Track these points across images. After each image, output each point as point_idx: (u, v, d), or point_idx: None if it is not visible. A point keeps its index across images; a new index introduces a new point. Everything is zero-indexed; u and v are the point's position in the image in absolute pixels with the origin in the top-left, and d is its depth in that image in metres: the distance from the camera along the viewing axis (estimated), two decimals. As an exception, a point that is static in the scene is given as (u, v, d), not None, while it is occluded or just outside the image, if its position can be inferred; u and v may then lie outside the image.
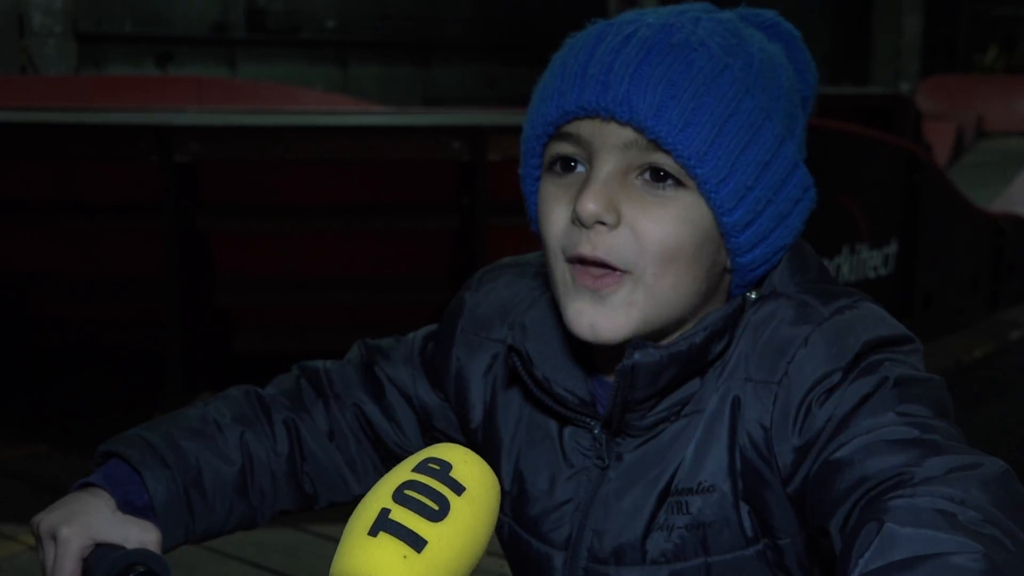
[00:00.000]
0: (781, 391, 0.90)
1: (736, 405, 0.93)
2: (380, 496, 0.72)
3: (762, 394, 0.91)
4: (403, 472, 0.73)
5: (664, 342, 0.93)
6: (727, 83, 0.89)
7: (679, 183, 0.89)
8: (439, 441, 1.14)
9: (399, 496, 0.71)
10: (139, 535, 0.97)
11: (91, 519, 0.96)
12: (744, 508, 0.93)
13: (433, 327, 1.16)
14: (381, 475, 1.16)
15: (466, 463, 0.74)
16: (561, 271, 0.92)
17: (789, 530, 0.93)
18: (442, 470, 0.73)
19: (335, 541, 0.73)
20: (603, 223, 0.88)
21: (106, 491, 0.99)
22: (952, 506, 0.72)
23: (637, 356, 0.91)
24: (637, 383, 0.92)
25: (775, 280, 0.96)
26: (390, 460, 1.17)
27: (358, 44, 13.20)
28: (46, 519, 0.97)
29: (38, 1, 9.60)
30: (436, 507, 0.71)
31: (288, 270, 4.08)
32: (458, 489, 0.72)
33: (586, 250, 0.89)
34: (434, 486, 0.72)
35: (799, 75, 0.99)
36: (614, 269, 0.90)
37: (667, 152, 0.87)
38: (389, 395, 1.15)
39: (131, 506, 0.99)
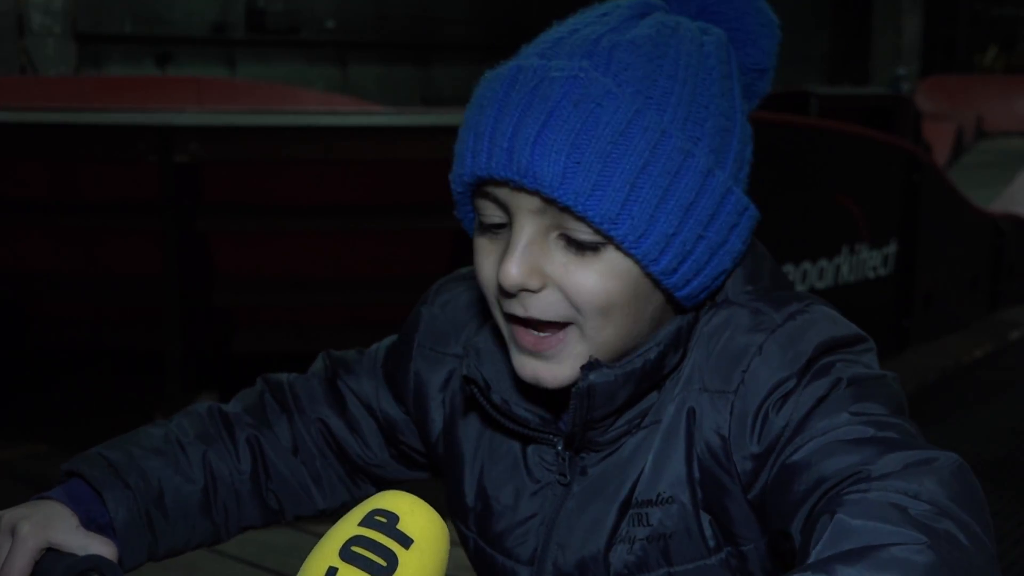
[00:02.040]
0: (738, 400, 0.90)
1: (692, 416, 0.93)
2: (326, 554, 0.71)
3: (718, 404, 0.91)
4: (349, 526, 0.72)
5: (618, 362, 0.92)
6: (638, 133, 0.85)
7: (600, 241, 0.87)
8: (405, 454, 1.15)
9: (346, 553, 0.70)
10: (99, 548, 0.97)
11: (54, 524, 0.96)
12: (705, 518, 0.93)
13: (395, 338, 1.15)
14: (347, 488, 1.17)
15: (413, 513, 0.73)
16: (502, 322, 0.93)
17: (751, 536, 0.93)
18: (389, 523, 0.72)
19: (335, 541, 0.73)
20: (529, 289, 0.88)
21: (68, 508, 0.98)
22: (905, 500, 0.72)
23: (592, 377, 0.90)
24: (594, 403, 0.92)
25: (728, 288, 0.95)
26: (356, 473, 1.17)
27: (358, 44, 13.20)
28: (8, 514, 0.96)
29: (38, 1, 9.60)
30: (384, 563, 0.70)
31: (288, 270, 4.08)
32: (406, 542, 0.72)
33: (518, 311, 0.89)
34: (381, 540, 0.71)
35: (751, 47, 0.96)
36: (554, 323, 0.89)
37: (579, 217, 0.85)
38: (352, 409, 1.15)
39: (95, 524, 0.99)
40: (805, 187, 4.56)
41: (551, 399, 0.97)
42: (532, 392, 0.97)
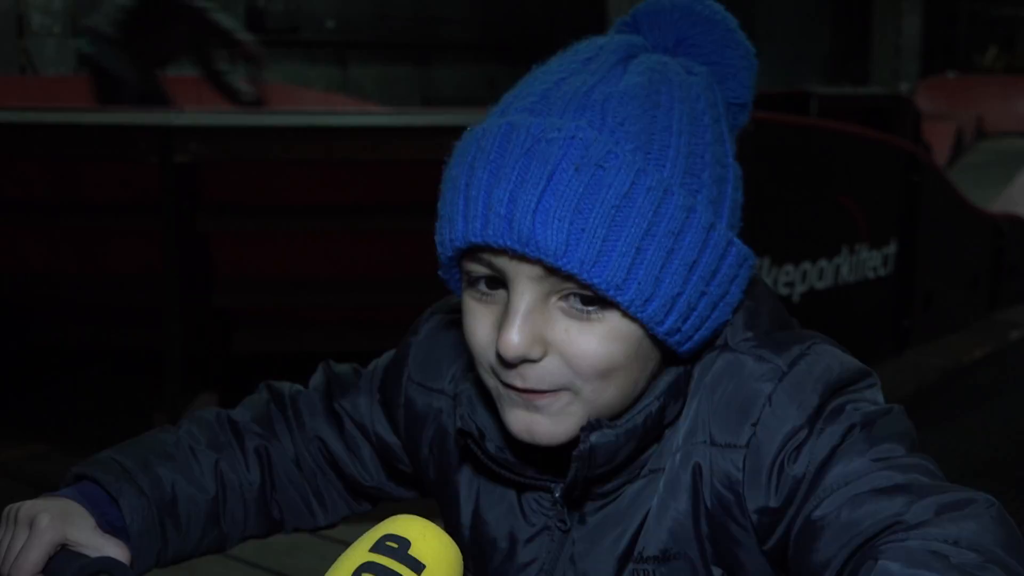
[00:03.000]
0: (750, 454, 0.87)
1: (698, 471, 0.90)
2: None
3: (730, 457, 0.88)
4: (360, 552, 0.71)
5: (619, 420, 0.90)
6: (641, 194, 0.82)
7: (604, 303, 0.84)
8: (401, 474, 1.14)
9: None
10: (112, 551, 0.96)
11: (73, 521, 0.95)
12: (716, 571, 0.92)
13: (390, 360, 1.13)
14: (347, 504, 1.17)
15: (424, 538, 0.73)
16: (493, 383, 0.89)
17: None
18: (400, 548, 0.71)
19: (335, 541, 0.73)
20: (530, 360, 0.84)
21: (85, 509, 0.98)
22: (946, 547, 0.71)
23: (594, 439, 0.87)
24: (595, 463, 0.89)
25: (727, 334, 0.92)
26: (356, 492, 1.17)
27: (358, 44, 13.19)
28: (28, 505, 0.96)
29: (38, 1, 9.60)
30: None
31: (288, 270, 4.08)
32: (418, 568, 0.71)
33: (517, 383, 0.86)
34: (393, 567, 0.70)
35: (732, 80, 0.93)
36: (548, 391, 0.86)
37: (584, 284, 0.82)
38: (349, 429, 1.14)
39: (110, 526, 0.98)
40: (805, 187, 4.55)
41: (547, 450, 0.94)
42: (527, 443, 0.94)
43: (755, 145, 4.13)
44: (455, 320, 1.05)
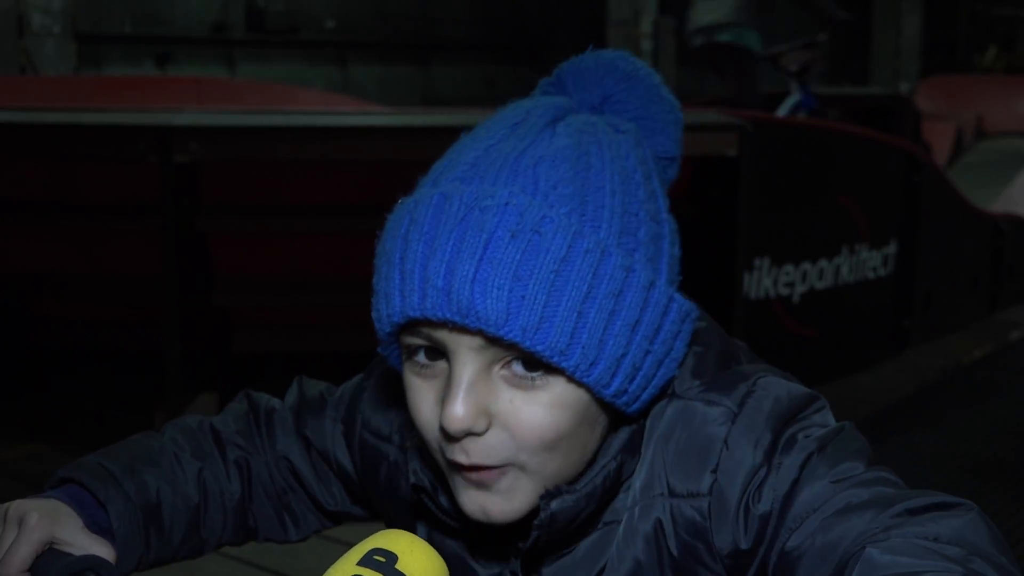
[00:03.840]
0: (714, 501, 0.87)
1: (659, 526, 0.90)
2: None
3: (694, 506, 0.88)
4: (348, 566, 0.72)
5: (577, 483, 0.89)
6: (579, 257, 0.81)
7: (549, 369, 0.82)
8: (366, 500, 1.15)
9: None
10: (99, 551, 0.97)
11: (61, 520, 0.96)
12: None
13: (355, 389, 1.13)
14: (319, 519, 1.18)
15: (411, 552, 0.73)
16: (442, 461, 0.88)
17: None
18: (388, 562, 0.71)
19: (336, 541, 0.73)
20: (474, 433, 0.83)
21: (74, 509, 0.98)
22: (928, 543, 0.72)
23: (554, 506, 0.87)
24: (556, 528, 0.88)
25: (675, 384, 0.92)
26: (324, 513, 1.18)
27: (358, 44, 13.20)
28: (17, 504, 0.96)
29: (38, 1, 9.60)
30: None
31: (288, 270, 4.08)
32: None
33: (461, 459, 0.84)
34: None
35: (660, 135, 0.94)
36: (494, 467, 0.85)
37: (527, 352, 0.81)
38: (315, 454, 1.15)
39: (97, 527, 0.99)
40: (805, 187, 4.55)
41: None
42: None
43: (755, 145, 4.14)
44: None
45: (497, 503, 0.86)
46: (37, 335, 4.47)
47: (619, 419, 0.91)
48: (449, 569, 0.98)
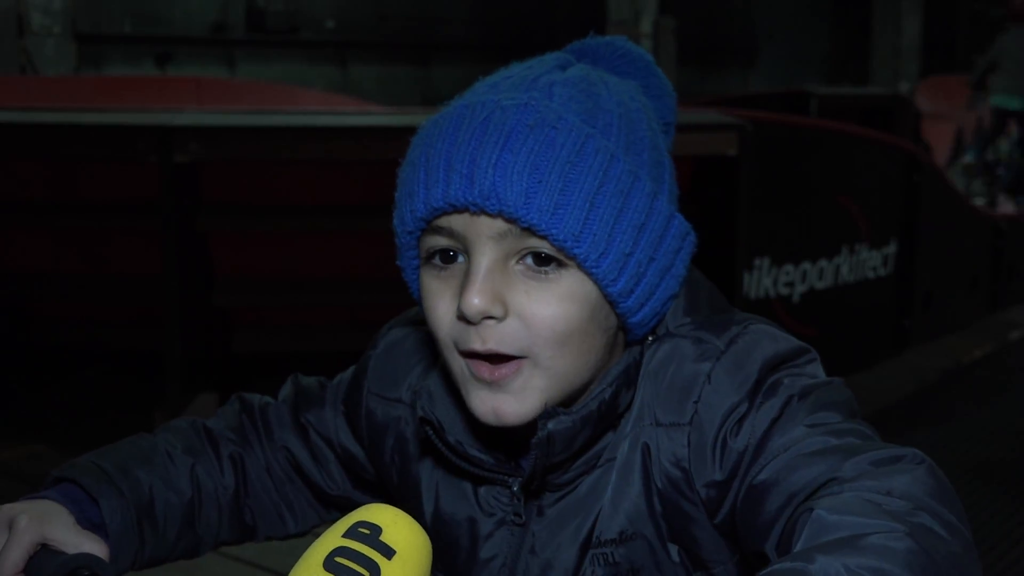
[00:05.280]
0: (694, 431, 0.91)
1: (647, 452, 0.94)
2: (311, 565, 0.72)
3: (674, 436, 0.93)
4: (334, 538, 0.73)
5: (574, 406, 0.94)
6: (591, 154, 0.88)
7: (560, 263, 0.88)
8: (367, 483, 1.17)
9: (330, 564, 0.71)
10: (92, 548, 0.98)
11: (51, 520, 0.97)
12: (672, 548, 0.95)
13: (352, 374, 1.16)
14: (316, 512, 1.20)
15: (396, 525, 0.75)
16: (457, 364, 0.92)
17: (721, 559, 0.95)
18: (372, 534, 0.73)
19: (336, 541, 0.74)
20: (491, 317, 0.88)
21: (65, 507, 0.99)
22: (879, 497, 0.74)
23: (551, 425, 0.91)
24: (554, 450, 0.92)
25: (668, 322, 0.97)
26: (324, 501, 1.20)
27: (358, 44, 13.20)
28: (6, 508, 0.97)
29: (38, 1, 9.60)
30: (367, 573, 0.71)
31: (288, 270, 4.08)
32: (388, 553, 0.73)
33: (477, 345, 0.89)
34: (364, 552, 0.72)
35: (657, 102, 1.00)
36: (509, 357, 0.90)
37: (542, 237, 0.87)
38: (314, 440, 1.17)
39: (89, 523, 1.00)
40: (805, 187, 4.56)
41: (505, 441, 0.98)
42: (485, 435, 0.98)
43: (755, 145, 4.14)
44: (412, 332, 1.11)
45: (509, 403, 0.90)
46: (37, 335, 4.47)
47: (622, 348, 0.96)
48: (456, 515, 1.03)
